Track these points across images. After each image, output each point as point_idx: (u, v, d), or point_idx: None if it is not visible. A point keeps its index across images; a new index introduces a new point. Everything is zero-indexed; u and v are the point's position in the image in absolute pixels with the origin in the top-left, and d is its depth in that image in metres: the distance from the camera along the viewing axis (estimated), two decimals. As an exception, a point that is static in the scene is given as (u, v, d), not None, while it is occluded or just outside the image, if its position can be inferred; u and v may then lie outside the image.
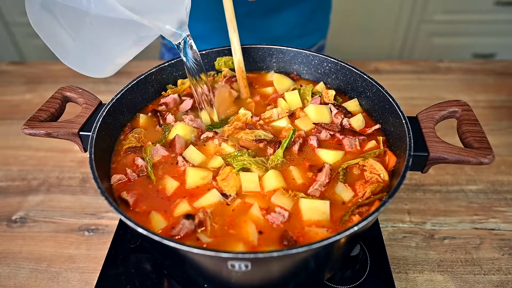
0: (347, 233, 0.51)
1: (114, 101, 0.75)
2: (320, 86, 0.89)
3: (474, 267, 0.85)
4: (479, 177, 1.06)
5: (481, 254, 0.88)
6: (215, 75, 0.94)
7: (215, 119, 0.80)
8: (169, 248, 0.51)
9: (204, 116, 0.80)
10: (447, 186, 1.03)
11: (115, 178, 0.70)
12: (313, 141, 0.75)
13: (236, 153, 0.72)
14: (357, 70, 0.82)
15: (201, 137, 0.77)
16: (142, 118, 0.82)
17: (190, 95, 0.88)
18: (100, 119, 0.70)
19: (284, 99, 0.85)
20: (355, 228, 0.51)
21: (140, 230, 0.52)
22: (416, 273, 0.84)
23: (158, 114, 0.82)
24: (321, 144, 0.76)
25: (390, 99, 0.73)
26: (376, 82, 0.78)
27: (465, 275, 0.84)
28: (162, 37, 1.54)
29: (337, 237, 0.50)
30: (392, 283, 0.75)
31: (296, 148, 0.74)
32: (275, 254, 0.48)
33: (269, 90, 0.90)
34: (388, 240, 0.91)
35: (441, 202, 1.00)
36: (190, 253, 0.50)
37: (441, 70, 1.47)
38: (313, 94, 0.87)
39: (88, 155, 0.63)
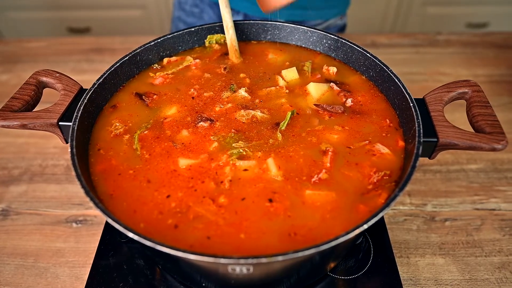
0: (357, 231, 0.47)
1: (96, 86, 0.69)
2: (321, 62, 0.83)
3: (476, 249, 0.84)
4: (479, 155, 1.03)
5: (482, 235, 0.86)
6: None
7: None
8: (163, 252, 0.47)
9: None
10: (448, 166, 1.01)
11: (100, 169, 0.64)
12: (314, 123, 0.70)
13: (232, 135, 0.67)
14: (359, 47, 0.76)
15: (195, 121, 0.71)
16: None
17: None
18: (81, 108, 0.64)
19: (281, 76, 0.80)
20: (365, 226, 0.48)
21: (131, 234, 0.47)
22: (417, 257, 0.82)
23: (143, 96, 0.76)
24: (323, 125, 0.70)
25: (396, 80, 0.68)
26: (380, 61, 0.72)
27: (466, 257, 0.83)
28: (178, 7, 1.42)
29: (346, 237, 0.47)
30: (396, 271, 0.72)
31: (296, 130, 0.69)
32: (280, 258, 0.45)
33: (264, 64, 0.84)
34: (389, 223, 0.88)
35: (442, 182, 0.97)
36: (187, 258, 0.46)
37: (439, 43, 1.42)
38: (313, 70, 0.81)
39: (69, 149, 0.57)
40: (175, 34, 0.82)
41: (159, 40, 0.80)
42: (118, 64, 0.74)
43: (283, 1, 0.63)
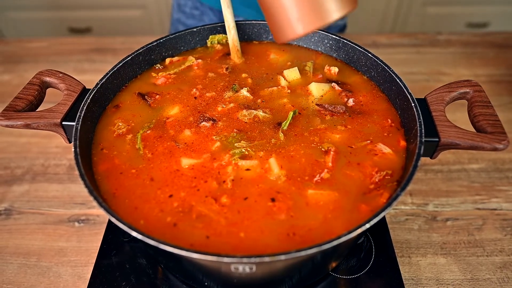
0: (359, 231, 0.47)
1: (99, 86, 0.69)
2: (323, 62, 0.83)
3: (477, 249, 0.84)
4: (481, 155, 1.03)
5: (484, 235, 0.87)
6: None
7: None
8: (166, 251, 0.47)
9: None
10: (449, 166, 1.01)
11: (103, 169, 0.64)
12: (316, 122, 0.71)
13: (234, 135, 0.68)
14: (361, 47, 0.76)
15: (197, 121, 0.71)
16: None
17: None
18: (85, 108, 0.64)
19: (283, 76, 0.80)
20: (367, 226, 0.48)
21: (134, 233, 0.47)
22: (419, 257, 0.83)
23: (146, 96, 0.76)
24: (325, 125, 0.71)
25: (398, 80, 0.68)
26: (381, 61, 0.73)
27: (468, 257, 0.83)
28: (177, 9, 1.42)
29: (348, 237, 0.47)
30: (398, 271, 0.73)
31: (298, 129, 0.69)
32: (282, 257, 0.45)
33: (266, 64, 0.84)
34: (391, 223, 0.89)
35: (443, 182, 0.97)
36: (189, 257, 0.46)
37: (440, 43, 1.42)
38: (315, 71, 0.81)
39: (73, 149, 0.58)
40: (177, 34, 0.82)
41: (161, 40, 0.80)
42: (120, 64, 0.74)
43: (299, 32, 0.56)
